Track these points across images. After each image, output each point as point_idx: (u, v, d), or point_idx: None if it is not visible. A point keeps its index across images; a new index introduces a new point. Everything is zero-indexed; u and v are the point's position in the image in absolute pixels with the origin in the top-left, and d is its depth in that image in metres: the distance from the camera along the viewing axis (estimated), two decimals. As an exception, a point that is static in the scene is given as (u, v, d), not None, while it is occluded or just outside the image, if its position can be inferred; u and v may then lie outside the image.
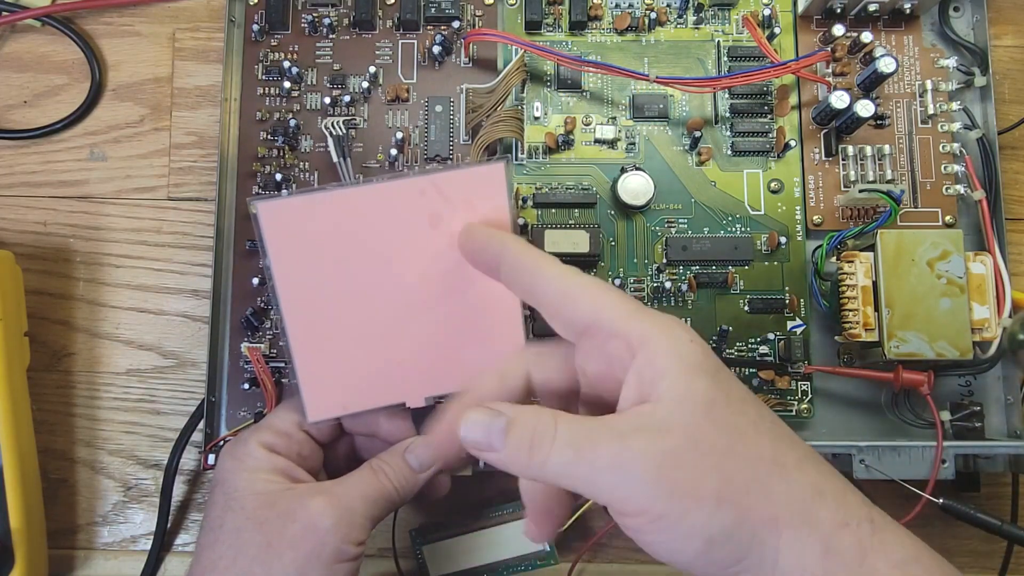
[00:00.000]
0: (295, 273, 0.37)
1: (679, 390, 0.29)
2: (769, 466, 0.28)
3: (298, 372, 0.38)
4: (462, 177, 0.37)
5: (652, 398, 0.29)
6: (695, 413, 0.28)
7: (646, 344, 0.29)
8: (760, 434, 0.29)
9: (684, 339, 0.30)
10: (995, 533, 0.42)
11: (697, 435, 0.28)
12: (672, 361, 0.29)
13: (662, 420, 0.28)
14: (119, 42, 0.53)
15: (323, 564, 0.35)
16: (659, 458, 0.27)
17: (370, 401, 0.39)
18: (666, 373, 0.29)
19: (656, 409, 0.28)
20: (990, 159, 0.49)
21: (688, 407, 0.28)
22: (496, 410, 0.30)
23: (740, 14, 0.51)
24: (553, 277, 0.32)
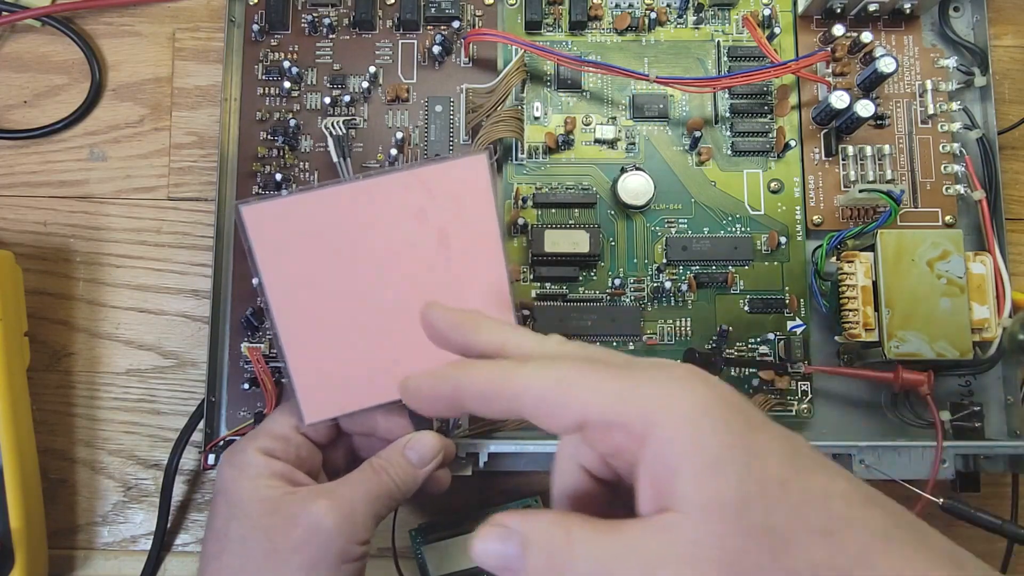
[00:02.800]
0: (284, 274, 0.37)
1: (702, 495, 0.23)
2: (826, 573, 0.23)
3: (292, 375, 0.38)
4: (444, 170, 0.37)
5: (674, 504, 0.24)
6: (725, 527, 0.23)
7: (651, 431, 0.24)
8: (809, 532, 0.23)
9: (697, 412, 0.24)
10: (995, 532, 0.42)
11: (733, 558, 0.23)
12: (686, 452, 0.24)
13: (689, 544, 0.23)
14: (119, 42, 0.53)
15: (329, 566, 0.35)
16: None
17: (366, 400, 0.39)
18: (682, 470, 0.24)
19: (679, 524, 0.23)
20: (990, 159, 0.49)
21: (716, 519, 0.23)
22: (507, 528, 0.25)
23: (740, 14, 0.51)
24: (526, 387, 0.27)
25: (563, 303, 0.48)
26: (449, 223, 0.37)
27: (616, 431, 0.25)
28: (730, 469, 0.23)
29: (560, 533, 0.25)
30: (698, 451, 0.24)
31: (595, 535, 0.25)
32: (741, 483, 0.23)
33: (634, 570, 0.24)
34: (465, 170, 0.37)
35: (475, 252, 0.38)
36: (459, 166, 0.37)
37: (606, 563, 0.24)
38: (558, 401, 0.26)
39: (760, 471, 0.24)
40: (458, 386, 0.29)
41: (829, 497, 0.24)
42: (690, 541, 0.23)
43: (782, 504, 0.23)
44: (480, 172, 0.37)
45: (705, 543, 0.23)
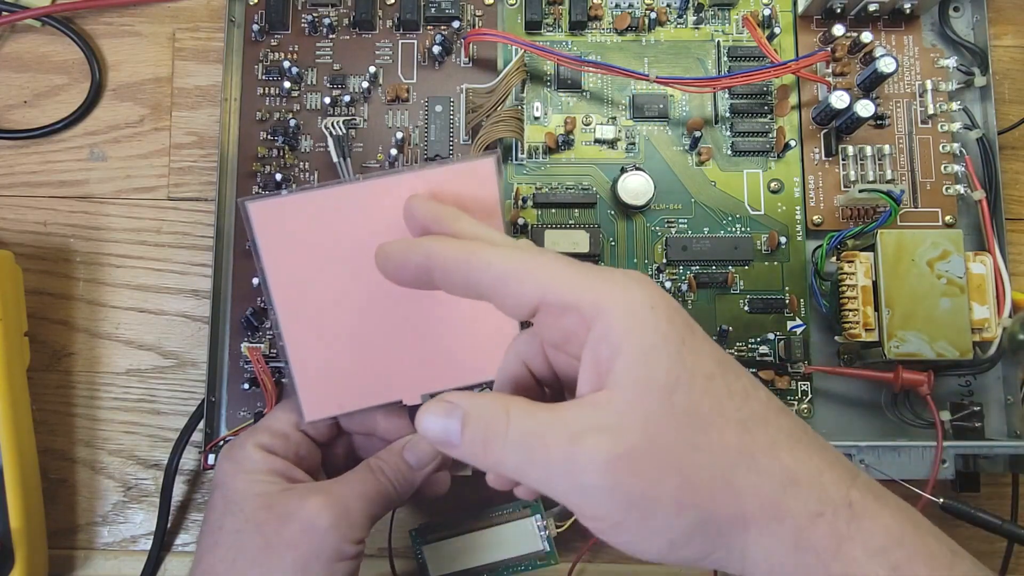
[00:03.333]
0: (288, 272, 0.37)
1: (636, 374, 0.26)
2: (735, 458, 0.26)
3: (294, 373, 0.38)
4: (452, 172, 0.37)
5: (608, 383, 0.26)
6: (653, 404, 0.26)
7: (600, 315, 0.26)
8: (727, 420, 0.26)
9: (644, 304, 0.26)
10: (995, 532, 0.42)
11: (655, 432, 0.25)
12: (629, 335, 0.26)
13: (616, 415, 0.26)
14: (119, 42, 0.53)
15: (322, 564, 0.35)
16: (613, 464, 0.25)
17: (366, 400, 0.39)
18: (621, 352, 0.26)
19: (610, 400, 0.26)
20: (990, 159, 0.49)
21: (645, 397, 0.26)
22: (452, 403, 0.28)
23: (740, 14, 0.51)
24: (490, 262, 0.28)
25: (563, 303, 0.48)
26: None
27: (569, 314, 0.27)
28: (664, 356, 0.26)
29: (499, 409, 0.27)
30: (639, 336, 0.26)
31: (530, 410, 0.27)
32: (672, 369, 0.26)
33: (561, 440, 0.26)
34: (472, 173, 0.37)
35: None
36: (467, 169, 0.37)
37: (536, 434, 0.26)
38: (520, 279, 0.28)
39: (692, 363, 0.26)
40: (429, 254, 0.30)
41: (749, 397, 0.27)
42: (616, 413, 0.26)
43: (707, 394, 0.26)
44: (488, 175, 0.37)
45: (631, 416, 0.26)
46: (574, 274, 0.27)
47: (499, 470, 0.27)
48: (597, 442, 0.25)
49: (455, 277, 0.30)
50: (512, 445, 0.27)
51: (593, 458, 0.25)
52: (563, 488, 0.26)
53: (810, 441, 0.27)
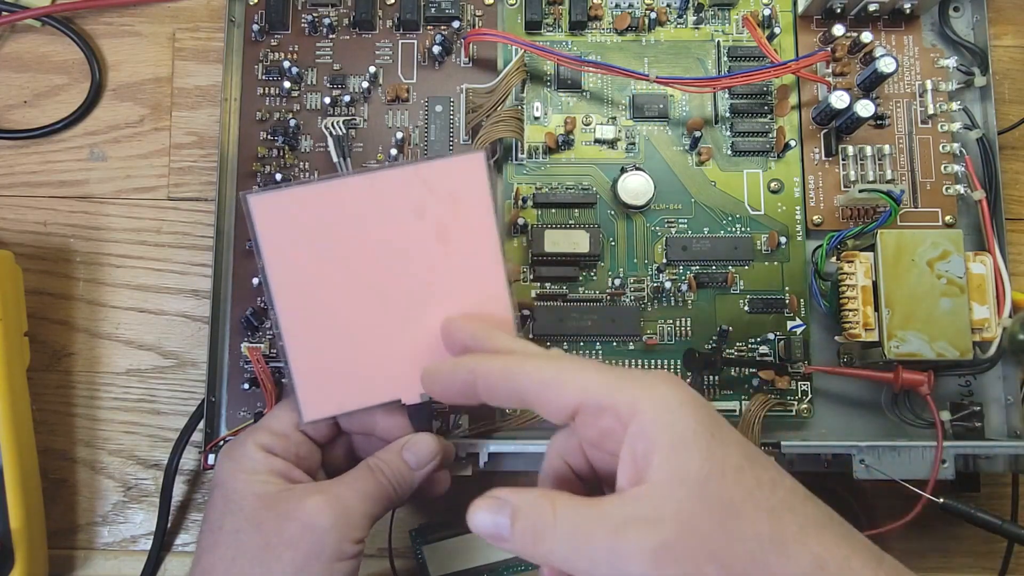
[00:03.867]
0: (288, 268, 0.37)
1: (670, 469, 0.28)
2: (767, 546, 0.27)
3: (293, 372, 0.38)
4: (443, 167, 0.37)
5: (645, 478, 0.28)
6: (688, 496, 0.27)
7: (636, 415, 0.29)
8: (758, 509, 0.28)
9: (673, 404, 0.29)
10: (995, 532, 0.42)
11: (691, 522, 0.27)
12: (662, 433, 0.28)
13: (654, 508, 0.27)
14: (119, 42, 0.53)
15: (322, 563, 0.35)
16: (654, 553, 0.27)
17: (366, 399, 0.39)
18: (657, 446, 0.28)
19: (649, 494, 0.28)
20: (990, 159, 0.49)
21: (680, 490, 0.27)
22: (501, 499, 0.30)
23: (740, 14, 0.51)
24: (530, 373, 0.32)
25: (563, 303, 0.48)
26: (447, 220, 0.38)
27: (606, 415, 0.30)
28: (697, 450, 0.28)
29: (546, 504, 0.29)
30: (673, 432, 0.28)
31: (576, 506, 0.29)
32: (704, 462, 0.28)
33: (606, 532, 0.28)
34: (463, 167, 0.37)
35: (473, 249, 0.38)
36: (457, 163, 0.37)
37: (582, 528, 0.28)
38: (560, 387, 0.31)
39: (722, 456, 0.28)
40: (474, 371, 0.33)
41: (776, 486, 0.28)
42: (654, 505, 0.27)
43: (738, 484, 0.28)
44: (477, 170, 0.37)
45: (668, 508, 0.27)
46: (609, 378, 0.30)
47: (549, 561, 0.29)
48: (639, 533, 0.27)
49: (499, 390, 0.33)
50: (560, 538, 0.28)
51: (636, 549, 0.27)
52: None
53: (836, 528, 0.28)
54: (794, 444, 0.44)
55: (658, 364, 0.48)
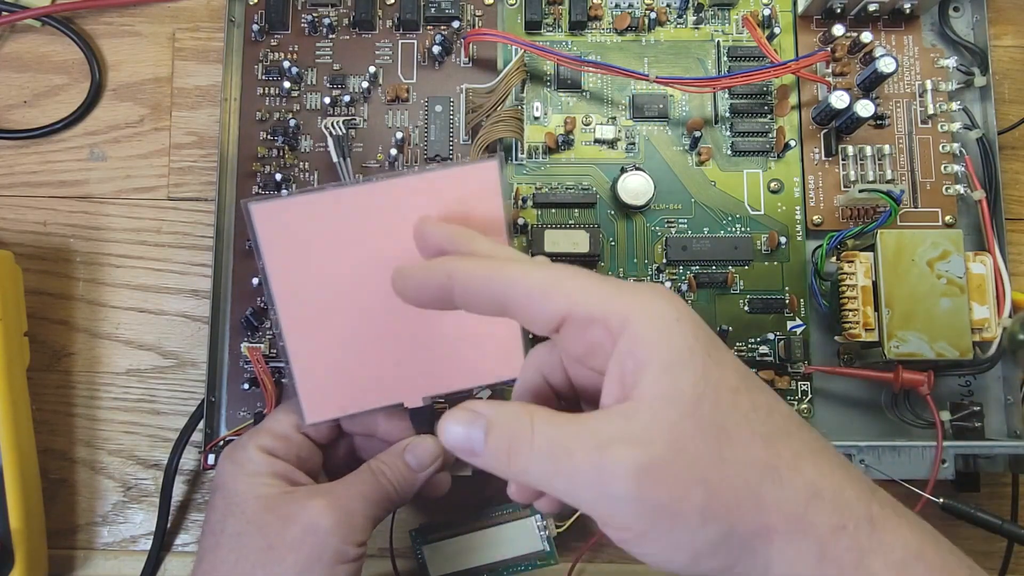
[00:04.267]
0: (290, 273, 0.37)
1: (663, 387, 0.26)
2: (760, 471, 0.26)
3: (295, 374, 0.38)
4: (455, 175, 0.37)
5: (634, 395, 0.26)
6: (680, 416, 0.26)
7: (626, 328, 0.27)
8: (753, 433, 0.26)
9: (670, 317, 0.27)
10: (995, 532, 0.42)
11: (681, 443, 0.25)
12: (656, 349, 0.26)
13: (643, 426, 0.26)
14: (119, 42, 0.53)
15: (324, 566, 0.35)
16: (639, 474, 0.25)
17: (368, 402, 0.39)
18: (648, 364, 0.26)
19: (637, 411, 0.26)
20: (990, 159, 0.49)
21: (672, 409, 0.26)
22: (475, 412, 0.28)
23: (740, 14, 0.51)
24: (515, 278, 0.29)
25: (563, 303, 0.48)
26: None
27: (595, 326, 0.27)
28: (691, 369, 0.26)
29: (524, 418, 0.27)
30: (666, 349, 0.26)
31: (556, 420, 0.27)
32: (699, 382, 0.26)
33: (588, 450, 0.26)
34: (476, 176, 0.37)
35: None
36: (470, 172, 0.37)
37: (562, 444, 0.26)
38: (546, 294, 0.28)
39: (717, 377, 0.26)
40: (451, 273, 0.30)
41: (772, 411, 0.27)
42: (643, 424, 0.26)
43: (732, 407, 0.26)
44: (491, 178, 0.37)
45: (657, 427, 0.26)
46: (601, 287, 0.28)
47: (523, 479, 0.27)
48: (624, 452, 0.25)
49: (479, 295, 0.30)
50: (537, 454, 0.26)
51: (620, 468, 0.25)
52: (589, 498, 0.26)
53: (831, 456, 0.27)
54: (794, 444, 0.44)
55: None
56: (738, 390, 0.27)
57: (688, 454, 0.25)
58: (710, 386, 0.26)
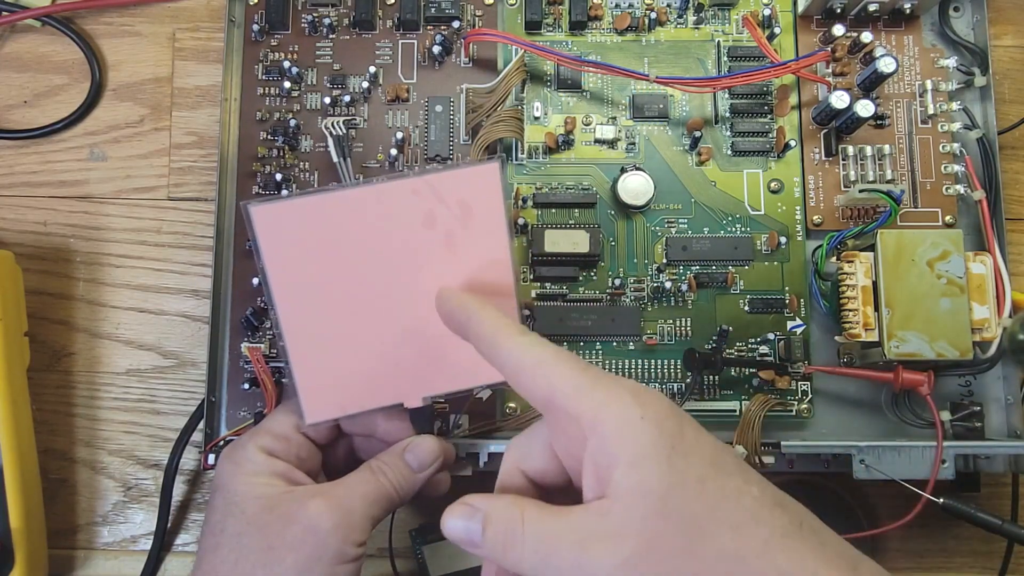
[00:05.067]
0: (290, 275, 0.37)
1: (631, 482, 0.27)
2: (730, 564, 0.26)
3: (295, 374, 0.38)
4: (456, 177, 0.37)
5: (608, 492, 0.28)
6: (649, 512, 0.27)
7: (596, 427, 0.28)
8: (721, 524, 0.27)
9: (634, 416, 0.28)
10: (995, 532, 0.42)
11: (653, 538, 0.27)
12: (622, 447, 0.28)
13: (617, 523, 0.27)
14: (119, 42, 0.53)
15: (324, 566, 0.35)
16: (618, 570, 0.27)
17: (368, 402, 0.39)
18: (617, 462, 0.28)
19: (611, 508, 0.27)
20: (990, 159, 0.49)
21: (641, 505, 0.27)
22: (472, 507, 0.30)
23: (740, 14, 0.51)
24: (510, 351, 0.32)
25: (563, 303, 0.48)
26: (458, 229, 0.37)
27: (570, 421, 0.29)
28: (654, 463, 0.27)
29: (515, 512, 0.29)
30: (630, 447, 0.28)
31: (542, 516, 0.29)
32: (664, 476, 0.27)
33: (571, 546, 0.28)
34: (477, 178, 0.37)
35: (483, 259, 0.38)
36: (472, 174, 0.37)
37: (548, 540, 0.28)
38: (532, 377, 0.31)
39: (683, 468, 0.28)
40: (470, 319, 0.34)
41: (741, 496, 0.28)
42: (617, 522, 0.27)
43: (699, 498, 0.27)
44: (492, 180, 0.37)
45: (629, 524, 0.27)
46: (579, 380, 0.29)
47: (519, 570, 0.29)
48: (603, 549, 0.27)
49: (483, 349, 0.33)
50: (528, 549, 0.28)
51: (599, 564, 0.27)
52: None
53: (805, 537, 0.28)
54: (794, 444, 0.44)
55: (658, 364, 0.48)
56: (704, 479, 0.28)
57: (660, 549, 0.27)
58: (676, 478, 0.27)
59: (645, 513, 0.27)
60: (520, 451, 0.34)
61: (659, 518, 0.27)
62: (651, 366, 0.48)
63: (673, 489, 0.27)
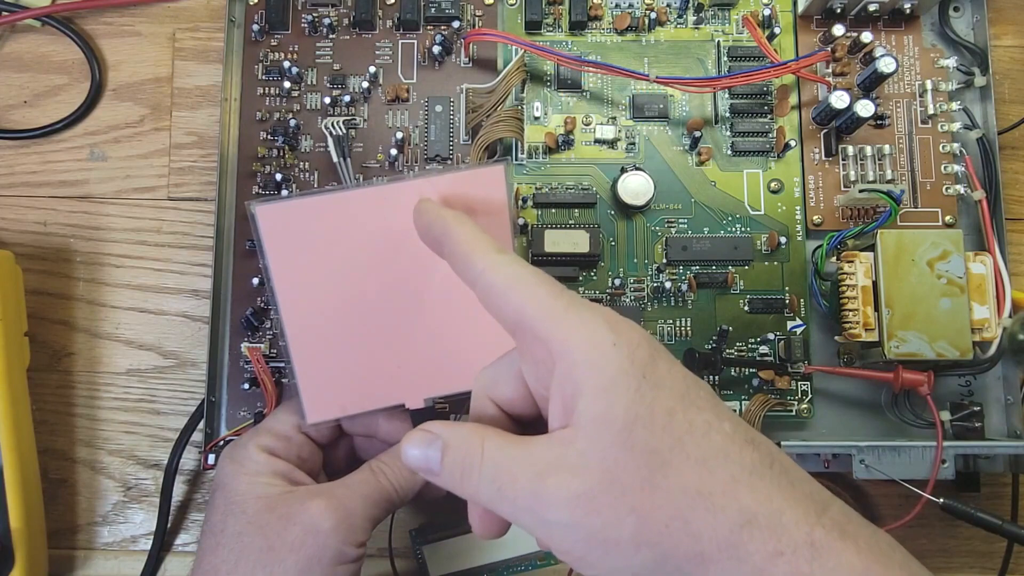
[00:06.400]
0: (293, 275, 0.37)
1: (596, 411, 0.26)
2: (692, 499, 0.26)
3: (297, 374, 0.38)
4: (461, 179, 0.37)
5: (572, 420, 0.27)
6: (612, 443, 0.26)
7: (565, 353, 0.27)
8: (686, 457, 0.26)
9: (606, 342, 0.27)
10: (995, 532, 0.42)
11: (614, 470, 0.26)
12: (590, 374, 0.26)
13: (578, 454, 0.26)
14: (119, 42, 0.53)
15: (324, 566, 0.35)
16: (574, 503, 0.26)
17: (369, 403, 0.39)
18: (583, 390, 0.26)
19: (575, 438, 0.26)
20: (990, 159, 0.49)
21: (606, 434, 0.26)
22: (432, 433, 0.29)
23: (740, 14, 0.51)
24: (483, 269, 0.30)
25: (563, 303, 0.48)
26: None
27: (539, 345, 0.28)
28: (623, 392, 0.26)
29: (475, 441, 0.28)
30: (598, 374, 0.26)
31: (503, 445, 0.28)
32: (631, 405, 0.26)
33: (529, 477, 0.27)
34: (482, 180, 0.37)
35: None
36: (477, 175, 0.37)
37: (506, 469, 0.27)
38: (503, 295, 0.29)
39: (652, 399, 0.26)
40: (446, 233, 0.32)
41: (710, 431, 0.27)
42: (578, 452, 0.26)
43: (666, 431, 0.26)
44: (497, 182, 0.37)
45: (590, 454, 0.26)
46: (553, 304, 0.28)
47: (476, 500, 0.28)
48: (559, 481, 0.26)
49: (456, 264, 0.31)
50: (486, 478, 0.27)
51: (556, 496, 0.26)
52: (530, 523, 0.27)
53: (775, 476, 0.27)
54: (794, 444, 0.44)
55: (658, 364, 0.48)
56: (673, 411, 0.27)
57: (620, 482, 0.26)
58: (643, 409, 0.26)
59: (608, 444, 0.26)
60: (489, 378, 0.32)
61: (622, 449, 0.26)
62: (651, 366, 0.48)
63: (639, 420, 0.26)
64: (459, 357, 0.38)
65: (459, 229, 0.32)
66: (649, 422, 0.26)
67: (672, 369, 0.28)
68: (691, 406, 0.27)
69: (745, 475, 0.26)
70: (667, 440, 0.26)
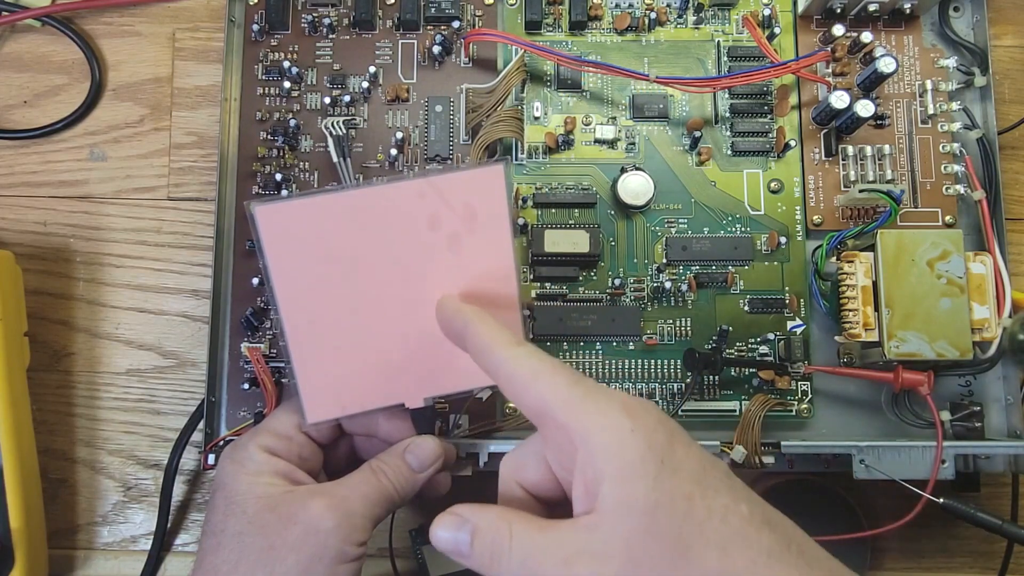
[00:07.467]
0: (293, 275, 0.37)
1: (618, 498, 0.27)
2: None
3: (297, 374, 0.38)
4: (461, 179, 0.37)
5: (596, 506, 0.28)
6: (635, 529, 0.27)
7: (586, 441, 0.28)
8: (707, 545, 0.27)
9: (624, 428, 0.28)
10: (995, 532, 0.42)
11: (638, 557, 0.26)
12: (610, 461, 0.28)
13: (603, 540, 0.27)
14: (119, 42, 0.53)
15: (325, 566, 0.35)
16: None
17: (369, 402, 0.39)
18: (605, 476, 0.27)
19: (597, 525, 0.27)
20: (990, 159, 0.49)
21: (627, 522, 0.27)
22: (461, 518, 0.30)
23: (740, 14, 0.51)
24: (504, 362, 0.32)
25: (563, 303, 0.48)
26: (462, 231, 0.37)
27: (561, 433, 0.29)
28: (642, 479, 0.27)
29: (503, 526, 0.29)
30: (619, 460, 0.28)
31: (530, 530, 0.29)
32: (651, 492, 0.27)
33: (556, 563, 0.27)
34: (482, 180, 0.37)
35: (486, 261, 0.38)
36: (476, 176, 0.37)
37: (534, 555, 0.28)
38: (525, 388, 0.31)
39: (671, 485, 0.27)
40: (466, 326, 0.34)
41: (728, 515, 0.27)
42: (602, 539, 0.27)
43: (686, 516, 0.27)
44: (496, 183, 0.37)
45: (614, 541, 0.27)
46: (571, 392, 0.29)
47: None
48: (586, 567, 0.27)
49: (478, 357, 0.33)
50: (515, 563, 0.28)
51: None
52: None
53: (792, 559, 0.27)
54: (794, 444, 0.44)
55: (658, 364, 0.48)
56: (692, 497, 0.27)
57: (644, 567, 0.26)
58: (663, 495, 0.27)
59: (631, 530, 0.27)
60: (515, 463, 0.33)
61: (645, 536, 0.27)
62: (651, 366, 0.48)
63: (660, 506, 0.27)
64: (458, 356, 0.38)
65: (479, 324, 0.34)
66: (670, 508, 0.27)
67: (689, 452, 0.29)
68: (708, 489, 0.28)
69: (763, 558, 0.27)
70: (688, 525, 0.27)
